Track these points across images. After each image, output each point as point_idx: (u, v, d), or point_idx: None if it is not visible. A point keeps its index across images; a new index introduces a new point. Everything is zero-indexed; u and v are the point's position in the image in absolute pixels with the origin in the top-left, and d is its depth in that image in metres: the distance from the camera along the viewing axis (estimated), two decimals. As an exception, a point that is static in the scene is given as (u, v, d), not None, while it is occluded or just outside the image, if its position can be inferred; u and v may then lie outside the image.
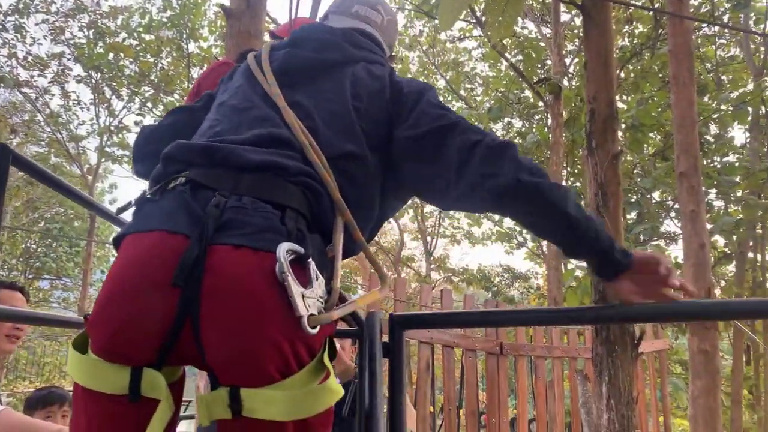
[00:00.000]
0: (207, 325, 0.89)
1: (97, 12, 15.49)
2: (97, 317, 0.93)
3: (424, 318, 1.41)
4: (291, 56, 1.22)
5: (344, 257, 1.07)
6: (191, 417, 4.02)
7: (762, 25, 10.11)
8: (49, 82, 15.65)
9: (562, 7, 10.02)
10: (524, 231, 15.04)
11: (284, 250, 0.90)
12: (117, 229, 1.25)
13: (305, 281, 0.92)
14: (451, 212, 18.12)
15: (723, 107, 9.04)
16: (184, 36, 15.03)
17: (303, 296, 0.89)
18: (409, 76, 15.66)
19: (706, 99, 10.89)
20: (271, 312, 0.89)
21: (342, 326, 1.27)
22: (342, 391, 0.98)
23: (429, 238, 18.42)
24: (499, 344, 4.13)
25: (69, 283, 21.15)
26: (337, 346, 2.47)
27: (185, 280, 0.90)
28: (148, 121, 16.68)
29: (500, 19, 2.91)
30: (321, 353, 0.96)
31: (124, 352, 0.91)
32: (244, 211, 0.96)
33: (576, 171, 11.03)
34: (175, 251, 0.92)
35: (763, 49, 9.93)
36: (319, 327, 0.91)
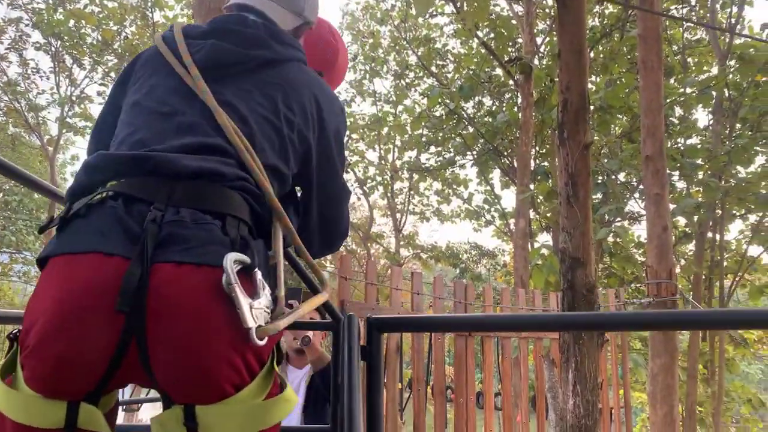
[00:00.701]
0: (155, 347, 0.86)
1: (57, -24, 14.86)
2: (34, 351, 0.86)
3: (402, 321, 1.42)
4: (216, 48, 1.13)
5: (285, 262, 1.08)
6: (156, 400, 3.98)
7: (728, 10, 10.28)
8: (6, 49, 15.04)
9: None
10: (492, 209, 15.21)
11: (231, 261, 0.88)
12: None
13: (252, 292, 0.90)
14: (421, 190, 18.19)
15: (688, 90, 9.22)
16: (150, 4, 14.56)
17: (251, 307, 0.88)
18: (380, 51, 15.52)
19: (672, 81, 11.09)
20: (220, 327, 0.88)
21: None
22: (296, 399, 0.99)
23: (398, 215, 18.48)
24: (467, 325, 4.20)
25: (30, 257, 20.65)
26: (310, 334, 2.48)
27: (129, 304, 0.86)
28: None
29: (475, 3, 2.89)
30: (270, 361, 0.95)
31: (65, 388, 0.86)
32: (183, 224, 0.93)
33: (544, 151, 11.15)
34: (115, 275, 0.87)
35: (728, 33, 10.10)
36: (267, 337, 0.90)
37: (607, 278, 10.06)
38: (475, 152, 12.75)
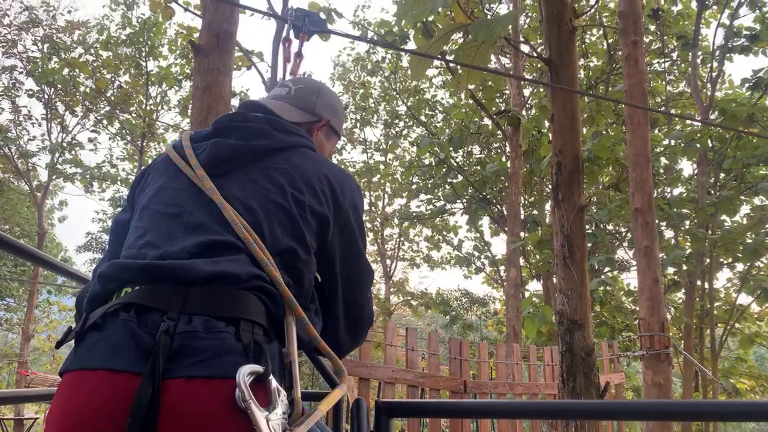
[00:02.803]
0: None
1: (53, 26, 15.12)
2: None
3: (411, 406, 1.41)
4: (218, 146, 1.14)
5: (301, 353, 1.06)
6: None
7: (709, 64, 10.63)
8: (-1, 96, 15.15)
9: (523, 46, 10.30)
10: (482, 256, 15.24)
11: (244, 375, 0.85)
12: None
13: (266, 402, 0.87)
14: (411, 236, 18.22)
15: (673, 143, 9.43)
16: (144, 54, 14.79)
17: (267, 421, 0.84)
18: (371, 101, 15.79)
19: (656, 132, 11.35)
20: None
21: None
22: None
23: (388, 261, 18.45)
24: (462, 382, 4.15)
25: (12, 304, 20.27)
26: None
27: (140, 425, 0.83)
28: (103, 138, 16.24)
29: (469, 69, 2.98)
30: None
31: None
32: (195, 335, 0.90)
33: (533, 200, 11.27)
34: (124, 393, 0.85)
35: (709, 85, 10.42)
36: None
37: (598, 327, 10.04)
38: (464, 200, 12.86)
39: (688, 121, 10.61)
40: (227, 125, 1.20)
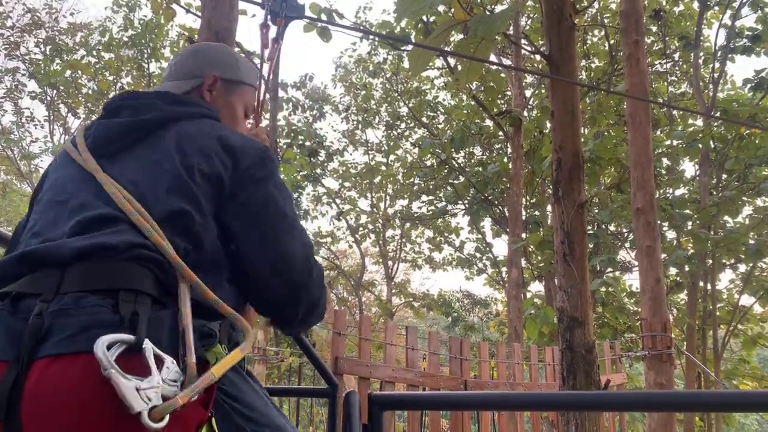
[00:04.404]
0: None
1: (55, 28, 15.16)
2: None
3: (407, 399, 1.39)
4: (105, 126, 1.13)
5: (206, 318, 0.98)
6: None
7: (711, 65, 10.60)
8: (1, 98, 15.18)
9: (524, 41, 10.29)
10: (484, 257, 15.21)
11: (103, 344, 0.80)
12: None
13: (143, 371, 0.81)
14: (413, 237, 18.21)
15: (675, 143, 9.40)
16: (146, 55, 14.82)
17: (138, 389, 0.79)
18: (373, 102, 15.80)
19: (658, 133, 11.32)
20: (106, 420, 0.80)
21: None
22: None
23: (390, 263, 18.43)
24: (463, 381, 4.13)
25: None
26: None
27: (5, 411, 0.80)
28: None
29: (468, 64, 2.97)
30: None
31: None
32: (65, 312, 0.86)
33: (535, 201, 11.25)
34: None
35: (711, 86, 10.39)
36: (168, 417, 0.80)
37: (600, 328, 10.01)
38: (466, 201, 12.85)
39: (690, 121, 10.59)
40: (117, 105, 1.17)
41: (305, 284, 1.13)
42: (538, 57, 11.24)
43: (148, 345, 0.84)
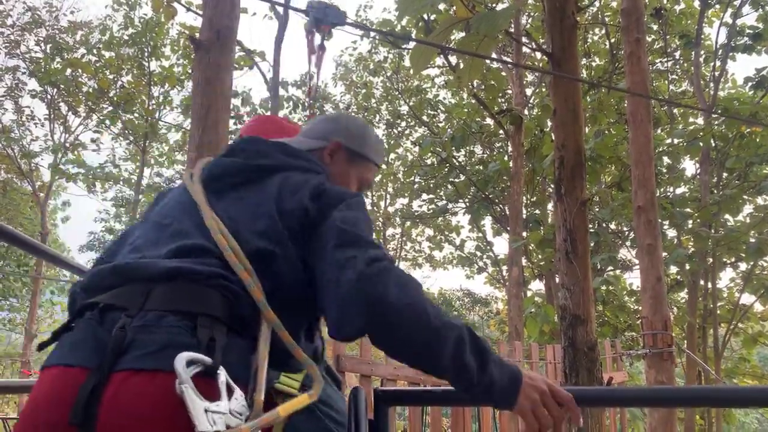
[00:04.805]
0: None
1: (56, 27, 15.14)
2: None
3: (412, 394, 1.39)
4: (220, 164, 1.21)
5: (278, 367, 0.99)
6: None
7: (712, 63, 10.59)
8: (2, 96, 15.17)
9: (524, 40, 10.29)
10: (484, 256, 15.22)
11: (183, 361, 0.84)
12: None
13: (213, 396, 0.85)
14: (413, 236, 18.20)
15: (676, 141, 9.40)
16: (146, 54, 14.81)
17: (207, 410, 0.82)
18: (373, 101, 15.78)
19: (659, 131, 11.32)
20: None
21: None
22: None
23: (390, 262, 18.42)
24: (464, 379, 4.13)
25: (16, 303, 20.29)
26: None
27: (82, 417, 0.85)
28: (105, 138, 16.31)
29: (470, 62, 2.97)
30: None
31: None
32: (147, 329, 0.91)
33: (535, 199, 11.25)
34: (72, 387, 0.87)
35: (712, 84, 10.38)
36: None
37: (601, 327, 10.01)
38: (466, 200, 12.84)
39: (691, 120, 10.59)
40: (237, 146, 1.25)
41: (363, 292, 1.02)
42: (539, 55, 11.24)
43: (222, 371, 0.88)
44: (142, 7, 14.80)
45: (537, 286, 13.29)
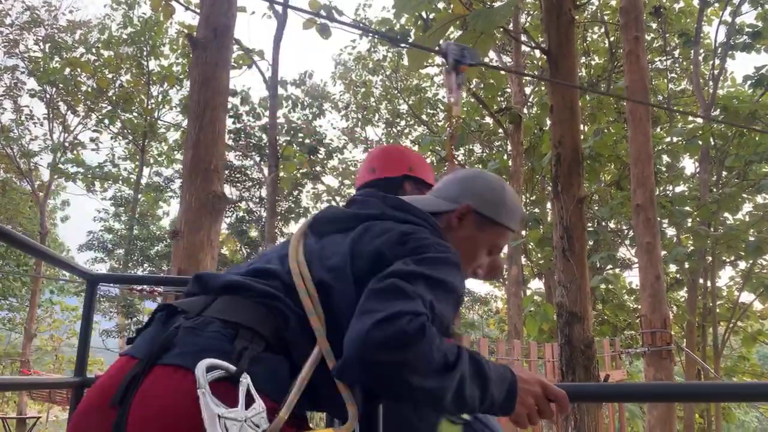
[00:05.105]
0: None
1: (54, 26, 15.14)
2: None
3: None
4: (331, 210, 1.26)
5: (319, 406, 1.01)
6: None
7: (711, 62, 10.59)
8: (1, 95, 15.17)
9: (523, 38, 10.28)
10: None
11: (204, 365, 0.88)
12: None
13: (232, 402, 0.86)
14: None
15: (675, 140, 9.39)
16: (145, 53, 14.80)
17: (221, 417, 0.84)
18: (372, 100, 15.78)
19: (658, 130, 11.32)
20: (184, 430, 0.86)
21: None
22: None
23: (390, 261, 18.42)
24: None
25: (15, 303, 20.29)
26: None
27: (120, 401, 0.91)
28: (105, 138, 16.30)
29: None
30: None
31: None
32: (194, 331, 0.97)
33: (535, 198, 11.24)
34: (124, 374, 0.95)
35: (711, 83, 10.38)
36: None
37: (600, 325, 10.01)
38: (466, 199, 12.81)
39: (690, 118, 10.58)
40: (354, 198, 1.32)
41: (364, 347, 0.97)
42: (538, 53, 11.23)
43: (245, 380, 0.90)
44: (140, 6, 14.80)
45: (536, 284, 13.30)
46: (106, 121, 15.50)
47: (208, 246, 3.24)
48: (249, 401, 0.88)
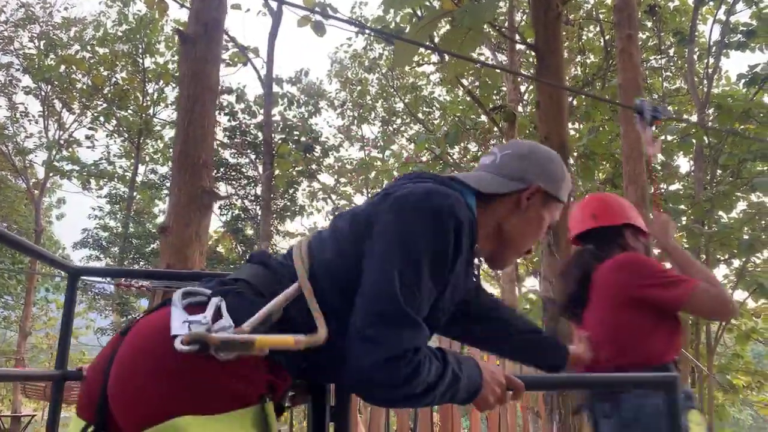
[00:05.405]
0: (111, 373, 0.98)
1: (49, 23, 15.10)
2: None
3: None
4: (356, 206, 1.27)
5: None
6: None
7: (705, 60, 10.61)
8: (-5, 93, 15.14)
9: (518, 37, 10.28)
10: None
11: (181, 291, 1.01)
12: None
13: (199, 313, 0.96)
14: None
15: (669, 138, 9.40)
16: (140, 50, 14.77)
17: (185, 321, 0.93)
18: (368, 98, 15.76)
19: (654, 128, 11.32)
20: (166, 345, 0.92)
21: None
22: None
23: (386, 259, 18.42)
24: (452, 374, 4.13)
25: (10, 301, 20.24)
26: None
27: (123, 333, 1.04)
28: (100, 135, 16.26)
29: (453, 60, 2.95)
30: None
31: (80, 412, 1.05)
32: (207, 284, 1.09)
33: (530, 196, 11.24)
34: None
35: (706, 81, 10.39)
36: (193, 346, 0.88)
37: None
38: (461, 197, 12.81)
39: (685, 116, 10.60)
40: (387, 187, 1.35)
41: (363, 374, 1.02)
42: (532, 51, 11.23)
43: (215, 299, 0.99)
44: (135, 4, 14.77)
45: (531, 282, 13.31)
46: (102, 119, 15.47)
47: (197, 241, 3.24)
48: (217, 317, 0.96)
